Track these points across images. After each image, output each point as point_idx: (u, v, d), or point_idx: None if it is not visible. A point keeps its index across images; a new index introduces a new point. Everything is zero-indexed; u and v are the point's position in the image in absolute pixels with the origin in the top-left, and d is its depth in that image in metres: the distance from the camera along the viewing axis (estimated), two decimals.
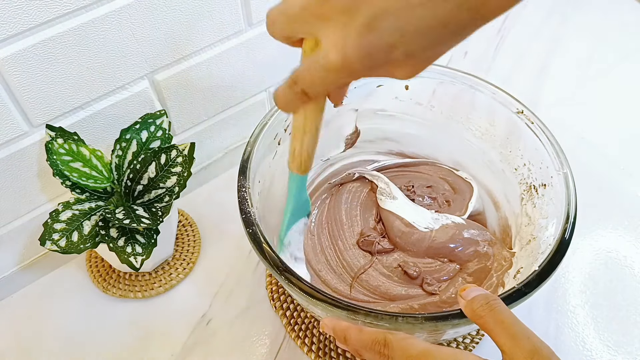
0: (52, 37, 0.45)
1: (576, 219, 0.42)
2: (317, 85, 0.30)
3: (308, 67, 0.29)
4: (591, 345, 0.51)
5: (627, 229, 0.59)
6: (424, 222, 0.54)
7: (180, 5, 0.51)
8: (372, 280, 0.52)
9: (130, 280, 0.57)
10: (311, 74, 0.29)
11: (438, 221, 0.54)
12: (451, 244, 0.53)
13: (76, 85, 0.49)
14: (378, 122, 0.61)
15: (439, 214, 0.55)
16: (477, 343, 0.51)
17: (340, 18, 0.26)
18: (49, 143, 0.47)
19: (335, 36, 0.26)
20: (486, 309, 0.32)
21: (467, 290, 0.34)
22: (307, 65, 0.29)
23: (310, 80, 0.29)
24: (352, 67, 0.27)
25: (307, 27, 0.28)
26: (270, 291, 0.55)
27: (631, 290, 0.54)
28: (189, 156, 0.51)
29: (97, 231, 0.48)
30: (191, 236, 0.60)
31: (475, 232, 0.53)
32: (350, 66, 0.26)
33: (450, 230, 0.53)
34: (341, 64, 0.26)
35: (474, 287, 0.34)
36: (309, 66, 0.29)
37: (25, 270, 0.58)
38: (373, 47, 0.25)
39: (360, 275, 0.52)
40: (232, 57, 0.59)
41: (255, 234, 0.42)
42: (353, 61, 0.26)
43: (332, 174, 0.62)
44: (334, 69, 0.27)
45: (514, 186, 0.53)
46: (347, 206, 0.59)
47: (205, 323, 0.53)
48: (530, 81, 0.78)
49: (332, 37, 0.26)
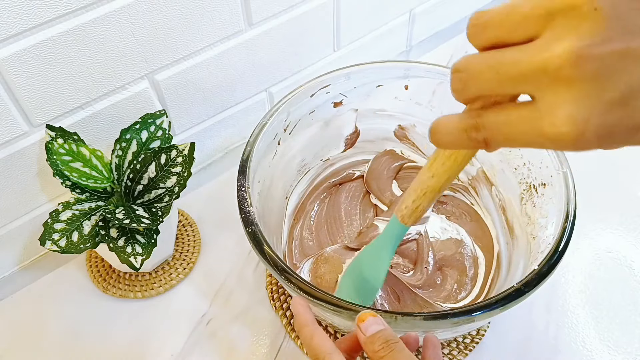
0: (52, 37, 0.45)
1: (576, 219, 0.42)
2: (511, 144, 0.24)
3: (509, 124, 0.24)
4: (591, 345, 0.50)
5: (627, 229, 0.59)
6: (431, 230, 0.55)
7: (180, 5, 0.51)
8: None
9: (130, 280, 0.57)
10: (511, 133, 0.24)
11: (446, 232, 0.54)
12: (449, 259, 0.53)
13: (76, 85, 0.49)
14: (378, 122, 0.61)
15: (450, 222, 0.56)
16: (477, 343, 0.51)
17: (588, 86, 0.21)
18: (49, 143, 0.47)
19: (575, 107, 0.21)
20: (386, 350, 0.31)
21: (366, 323, 0.33)
22: (508, 122, 0.24)
23: (506, 138, 0.24)
24: (584, 143, 0.22)
25: (530, 87, 0.22)
26: (270, 291, 0.55)
27: (631, 290, 0.54)
28: (189, 156, 0.51)
29: (97, 231, 0.48)
30: (191, 236, 0.60)
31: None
32: (583, 142, 0.22)
33: (455, 245, 0.54)
34: (574, 139, 0.22)
35: (371, 319, 0.33)
36: (511, 123, 0.24)
37: (25, 270, 0.58)
38: (620, 126, 0.22)
39: None
40: (232, 57, 0.59)
41: (254, 233, 0.42)
42: (589, 138, 0.22)
43: (332, 174, 0.62)
44: (560, 140, 0.22)
45: (514, 186, 0.53)
46: (346, 205, 0.59)
47: (205, 323, 0.53)
48: None
49: (569, 107, 0.21)
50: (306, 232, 0.57)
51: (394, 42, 0.79)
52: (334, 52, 0.70)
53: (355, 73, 0.55)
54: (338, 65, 0.56)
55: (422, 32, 0.83)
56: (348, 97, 0.57)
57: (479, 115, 0.25)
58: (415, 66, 0.56)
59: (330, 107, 0.57)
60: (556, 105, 0.22)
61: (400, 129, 0.61)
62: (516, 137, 0.24)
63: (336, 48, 0.70)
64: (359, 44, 0.73)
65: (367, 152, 0.63)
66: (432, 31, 0.85)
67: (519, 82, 0.22)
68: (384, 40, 0.76)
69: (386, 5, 0.72)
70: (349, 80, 0.56)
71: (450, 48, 0.83)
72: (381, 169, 0.61)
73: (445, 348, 0.50)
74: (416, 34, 0.82)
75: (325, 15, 0.65)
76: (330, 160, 0.62)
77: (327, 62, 0.70)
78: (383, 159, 0.62)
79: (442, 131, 0.27)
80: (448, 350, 0.50)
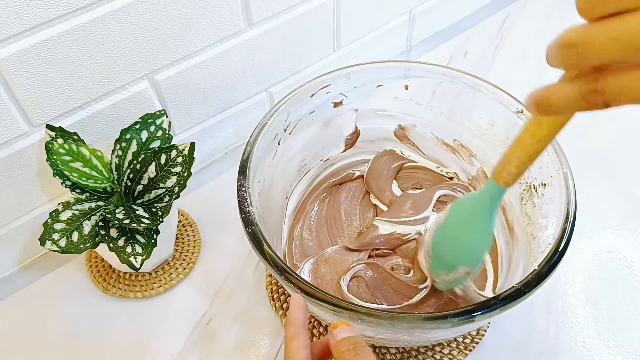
0: (52, 37, 0.45)
1: (576, 219, 0.42)
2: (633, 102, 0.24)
3: (632, 86, 0.23)
4: (591, 345, 0.50)
5: (627, 229, 0.59)
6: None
7: (180, 5, 0.51)
8: None
9: (130, 280, 0.57)
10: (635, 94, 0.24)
11: None
12: None
13: (76, 85, 0.49)
14: (378, 122, 0.61)
15: None
16: (477, 343, 0.51)
17: None
18: (49, 143, 0.47)
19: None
20: (352, 353, 0.32)
21: (339, 329, 0.34)
22: (632, 84, 0.23)
23: (629, 98, 0.24)
24: None
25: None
26: (270, 291, 0.55)
27: (631, 290, 0.54)
28: (189, 156, 0.51)
29: (97, 231, 0.48)
30: (191, 236, 0.60)
31: None
32: None
33: None
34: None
35: (344, 327, 0.34)
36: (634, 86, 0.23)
37: (25, 270, 0.58)
38: None
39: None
40: (232, 57, 0.59)
41: (254, 233, 0.42)
42: None
43: (332, 174, 0.62)
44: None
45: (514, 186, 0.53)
46: (346, 205, 0.59)
47: (205, 323, 0.53)
48: (530, 81, 0.78)
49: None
50: (306, 232, 0.57)
51: (394, 42, 0.79)
52: (334, 52, 0.70)
53: (355, 73, 0.55)
54: (338, 65, 0.56)
55: (422, 32, 0.83)
56: (348, 97, 0.57)
57: (597, 80, 0.24)
58: (415, 66, 0.56)
59: (330, 107, 0.57)
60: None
61: (400, 129, 0.61)
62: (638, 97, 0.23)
63: (336, 48, 0.70)
64: (359, 44, 0.73)
65: (367, 152, 0.63)
66: (432, 31, 0.85)
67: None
68: (384, 40, 0.76)
69: (386, 5, 0.72)
70: (349, 80, 0.56)
71: (450, 48, 0.83)
72: (381, 169, 0.61)
73: (446, 348, 0.50)
74: (416, 34, 0.82)
75: (325, 15, 0.65)
76: (330, 160, 0.62)
77: (327, 62, 0.70)
78: (383, 159, 0.62)
79: (555, 100, 0.26)
80: (448, 350, 0.50)
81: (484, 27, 0.87)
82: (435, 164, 0.63)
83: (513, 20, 0.87)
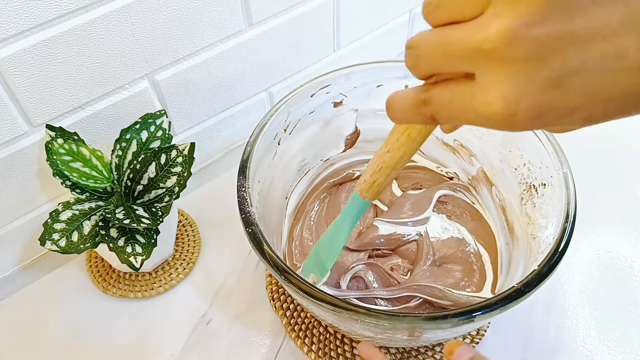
0: (52, 37, 0.45)
1: (576, 219, 0.42)
2: (454, 120, 0.24)
3: (451, 101, 0.24)
4: (591, 345, 0.50)
5: (627, 229, 0.59)
6: (431, 230, 0.54)
7: (180, 5, 0.51)
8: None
9: (130, 280, 0.57)
10: (453, 110, 0.24)
11: (447, 231, 0.54)
12: (452, 257, 0.53)
13: (76, 85, 0.49)
14: (378, 122, 0.61)
15: (450, 222, 0.55)
16: (477, 343, 0.51)
17: (522, 66, 0.21)
18: (49, 143, 0.47)
19: (507, 86, 0.21)
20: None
21: (457, 354, 0.34)
22: (451, 98, 0.24)
23: (450, 114, 0.24)
24: (515, 124, 0.22)
25: (470, 65, 0.22)
26: (270, 291, 0.55)
27: (631, 290, 0.54)
28: (189, 156, 0.51)
29: (97, 231, 0.48)
30: (191, 236, 0.60)
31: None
32: (514, 122, 0.22)
33: (456, 243, 0.54)
34: (505, 118, 0.22)
35: (464, 347, 0.34)
36: (453, 100, 0.24)
37: (25, 270, 0.58)
38: (551, 107, 0.21)
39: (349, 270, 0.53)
40: (232, 57, 0.59)
41: (255, 233, 0.42)
42: (520, 119, 0.22)
43: (332, 174, 0.62)
44: (492, 119, 0.22)
45: (514, 186, 0.53)
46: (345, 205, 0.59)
47: (205, 323, 0.53)
48: None
49: (502, 87, 0.21)
50: (306, 232, 0.57)
51: (394, 42, 0.79)
52: (334, 52, 0.70)
53: (356, 73, 0.55)
54: (338, 65, 0.56)
55: None
56: (348, 97, 0.57)
57: (427, 90, 0.25)
58: None
59: (331, 107, 0.57)
60: (490, 84, 0.22)
61: None
62: (457, 114, 0.24)
63: (336, 48, 0.70)
64: (359, 44, 0.73)
65: (367, 152, 0.63)
66: None
67: (461, 60, 0.22)
68: (384, 40, 0.76)
69: (386, 5, 0.72)
70: (349, 80, 0.56)
71: None
72: None
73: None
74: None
75: (325, 15, 0.65)
76: (330, 160, 0.62)
77: (327, 62, 0.70)
78: None
79: (395, 106, 0.27)
80: None
81: None
82: (435, 164, 0.62)
83: None
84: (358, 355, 0.50)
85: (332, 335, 0.51)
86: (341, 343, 0.51)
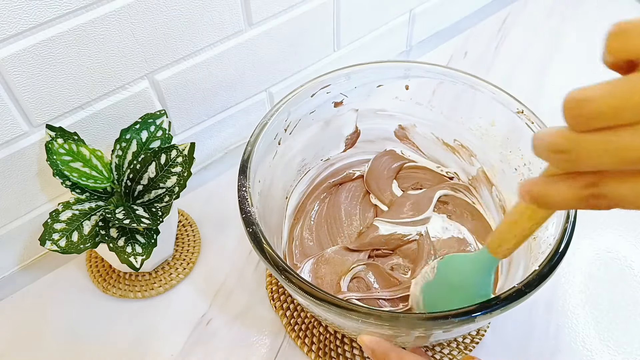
0: (52, 37, 0.45)
1: (576, 219, 0.42)
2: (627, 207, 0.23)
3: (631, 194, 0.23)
4: (591, 345, 0.50)
5: (627, 229, 0.59)
6: (432, 230, 0.54)
7: (180, 5, 0.51)
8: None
9: (130, 280, 0.57)
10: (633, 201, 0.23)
11: (448, 231, 0.54)
12: None
13: (76, 85, 0.49)
14: (378, 122, 0.61)
15: (451, 222, 0.55)
16: (477, 343, 0.51)
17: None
18: (49, 143, 0.47)
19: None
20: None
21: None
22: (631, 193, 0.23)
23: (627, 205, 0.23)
24: None
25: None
26: (270, 291, 0.55)
27: (631, 290, 0.54)
28: (189, 156, 0.51)
29: (97, 231, 0.48)
30: (191, 236, 0.60)
31: None
32: None
33: (457, 243, 0.53)
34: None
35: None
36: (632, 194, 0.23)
37: (25, 270, 0.58)
38: None
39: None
40: (232, 57, 0.59)
41: (255, 233, 0.42)
42: None
43: (332, 174, 0.62)
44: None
45: (514, 186, 0.53)
46: (346, 205, 0.59)
47: (205, 323, 0.53)
48: (530, 81, 0.78)
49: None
50: (306, 232, 0.57)
51: (394, 42, 0.79)
52: (334, 52, 0.70)
53: (356, 73, 0.55)
54: (338, 65, 0.56)
55: (422, 32, 0.83)
56: (348, 97, 0.57)
57: (596, 185, 0.24)
58: (415, 66, 0.56)
59: (331, 107, 0.57)
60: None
61: (401, 129, 0.61)
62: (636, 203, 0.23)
63: (336, 48, 0.70)
64: (359, 44, 0.73)
65: (367, 152, 0.63)
66: (432, 31, 0.85)
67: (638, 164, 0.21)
68: (384, 40, 0.76)
69: (386, 5, 0.72)
70: (349, 80, 0.56)
71: (450, 48, 0.83)
72: (381, 169, 0.61)
73: (446, 348, 0.50)
74: (416, 34, 0.82)
75: (325, 15, 0.65)
76: (330, 160, 0.62)
77: (327, 62, 0.70)
78: (383, 159, 0.62)
79: (555, 200, 0.26)
80: (448, 350, 0.50)
81: (484, 27, 0.87)
82: (435, 164, 0.63)
83: (513, 20, 0.87)
84: (358, 356, 0.50)
85: (332, 335, 0.51)
86: (341, 343, 0.51)
